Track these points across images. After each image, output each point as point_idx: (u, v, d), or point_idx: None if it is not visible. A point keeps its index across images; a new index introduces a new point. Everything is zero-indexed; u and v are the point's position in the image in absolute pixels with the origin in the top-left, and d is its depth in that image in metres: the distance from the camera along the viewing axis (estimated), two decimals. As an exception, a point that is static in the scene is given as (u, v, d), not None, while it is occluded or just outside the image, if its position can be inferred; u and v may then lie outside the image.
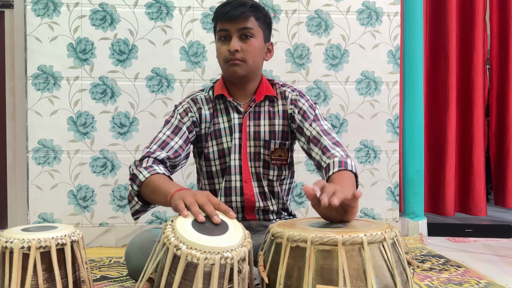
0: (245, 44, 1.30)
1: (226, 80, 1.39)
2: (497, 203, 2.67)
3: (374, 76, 2.24)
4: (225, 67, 1.32)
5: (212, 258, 0.82)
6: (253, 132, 1.37)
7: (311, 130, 1.33)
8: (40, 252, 0.99)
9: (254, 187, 1.37)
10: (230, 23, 1.29)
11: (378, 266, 0.86)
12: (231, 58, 1.29)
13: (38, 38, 2.08)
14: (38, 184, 2.09)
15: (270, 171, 1.39)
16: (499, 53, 2.62)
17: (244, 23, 1.29)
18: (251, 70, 1.34)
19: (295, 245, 0.88)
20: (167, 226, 0.89)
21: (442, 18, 2.51)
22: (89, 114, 2.12)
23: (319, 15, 2.21)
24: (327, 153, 1.26)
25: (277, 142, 1.38)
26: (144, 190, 1.20)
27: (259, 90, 1.38)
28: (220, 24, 1.31)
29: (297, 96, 1.39)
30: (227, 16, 1.28)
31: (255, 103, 1.38)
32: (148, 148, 1.29)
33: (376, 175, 2.26)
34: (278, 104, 1.39)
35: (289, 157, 1.41)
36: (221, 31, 1.31)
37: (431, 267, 1.73)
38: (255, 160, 1.37)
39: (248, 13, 1.29)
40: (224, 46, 1.31)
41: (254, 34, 1.31)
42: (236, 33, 1.29)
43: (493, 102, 2.66)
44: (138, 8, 2.13)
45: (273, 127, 1.38)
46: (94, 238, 2.11)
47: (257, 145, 1.37)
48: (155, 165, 1.23)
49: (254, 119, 1.38)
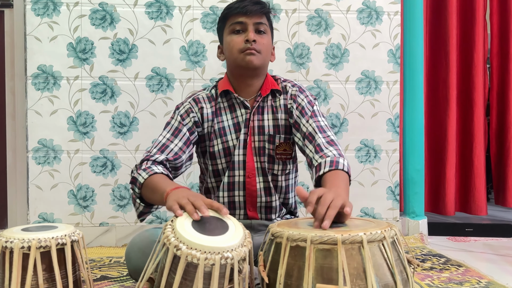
0: (260, 37, 1.34)
1: (232, 76, 1.39)
2: (497, 203, 2.67)
3: (375, 76, 2.24)
4: (240, 57, 1.33)
5: (212, 258, 0.82)
6: (258, 127, 1.38)
7: (307, 127, 1.33)
8: (40, 252, 0.99)
9: (258, 182, 1.38)
10: (247, 17, 1.32)
11: (378, 265, 0.86)
12: (249, 47, 1.31)
13: (38, 38, 2.08)
14: (38, 184, 2.09)
15: (275, 166, 1.39)
16: (500, 52, 2.61)
17: (260, 18, 1.34)
18: (263, 63, 1.36)
19: (295, 244, 0.88)
20: (167, 226, 0.89)
21: (442, 17, 2.50)
22: (89, 113, 2.12)
23: (319, 14, 2.21)
24: (320, 152, 1.26)
25: (282, 137, 1.38)
26: (145, 191, 1.22)
27: (264, 86, 1.39)
28: (235, 18, 1.33)
29: (296, 91, 1.39)
30: (245, 10, 1.32)
31: (261, 97, 1.38)
32: (148, 152, 1.30)
33: (377, 174, 2.25)
34: (280, 99, 1.40)
35: (293, 151, 1.41)
36: (236, 24, 1.33)
37: (432, 266, 1.73)
38: (260, 155, 1.38)
39: (264, 10, 1.35)
40: (240, 37, 1.33)
41: (267, 31, 1.36)
42: (252, 26, 1.33)
43: (494, 101, 2.66)
44: (138, 7, 2.13)
45: (277, 121, 1.39)
46: (94, 238, 2.11)
47: (261, 139, 1.38)
48: (154, 166, 1.24)
49: (258, 113, 1.38)
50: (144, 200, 1.24)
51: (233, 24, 1.34)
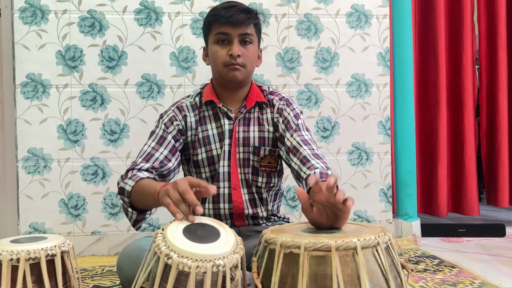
0: (244, 49, 1.30)
1: (217, 84, 1.38)
2: (489, 202, 2.69)
3: (365, 79, 2.25)
4: (224, 71, 1.30)
5: (204, 266, 0.81)
6: (243, 138, 1.36)
7: (291, 141, 1.32)
8: (29, 264, 0.97)
9: (243, 194, 1.36)
10: (233, 27, 1.27)
11: (372, 271, 0.85)
12: (232, 62, 1.28)
13: (26, 46, 2.06)
14: (28, 194, 2.06)
15: (259, 178, 1.37)
16: (488, 53, 2.64)
17: (246, 28, 1.29)
18: (248, 75, 1.34)
19: (289, 251, 0.87)
20: (158, 235, 0.88)
21: (430, 19, 2.52)
22: (79, 121, 2.10)
23: (308, 18, 2.22)
24: (307, 163, 1.25)
25: (267, 149, 1.37)
26: (135, 198, 1.21)
27: (250, 96, 1.38)
28: (220, 27, 1.29)
29: (283, 105, 1.38)
30: (230, 20, 1.26)
31: (246, 109, 1.37)
32: (134, 162, 1.30)
33: (369, 177, 2.26)
34: (267, 112, 1.39)
35: (278, 164, 1.40)
36: (220, 34, 1.29)
37: (425, 268, 1.73)
38: (244, 167, 1.36)
39: (251, 20, 1.29)
40: (224, 50, 1.29)
41: (253, 41, 1.32)
42: (237, 37, 1.28)
43: (483, 102, 2.68)
44: (127, 14, 2.12)
45: (263, 133, 1.37)
46: (87, 247, 2.09)
47: (246, 151, 1.36)
48: (139, 173, 1.23)
49: (244, 125, 1.37)
50: (135, 208, 1.23)
51: (217, 34, 1.29)
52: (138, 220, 1.26)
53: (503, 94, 2.58)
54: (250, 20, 1.29)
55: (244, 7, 1.30)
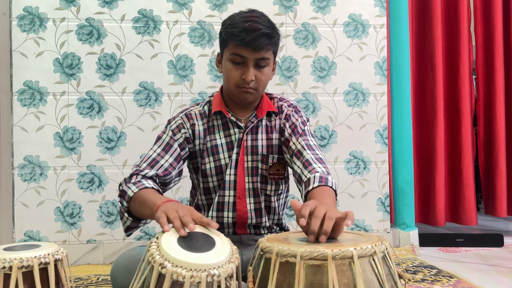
0: (259, 73, 1.27)
1: (227, 96, 1.36)
2: (487, 212, 2.68)
3: (362, 88, 2.25)
4: (236, 91, 1.29)
5: (198, 276, 0.80)
6: (251, 147, 1.35)
7: (296, 144, 1.32)
8: (22, 272, 0.96)
9: (248, 203, 1.35)
10: (250, 51, 1.24)
11: (369, 281, 0.84)
12: (245, 86, 1.27)
13: (23, 54, 2.06)
14: (24, 201, 2.05)
15: (267, 186, 1.37)
16: (485, 63, 2.65)
17: (263, 53, 1.25)
18: (260, 96, 1.34)
19: (285, 260, 0.86)
20: (152, 243, 0.87)
21: (427, 29, 2.54)
22: (76, 129, 2.09)
23: (306, 28, 2.23)
24: (309, 167, 1.25)
25: (275, 157, 1.36)
26: (133, 205, 1.19)
27: (260, 106, 1.37)
28: (236, 48, 1.25)
29: (292, 111, 1.38)
30: (249, 45, 1.22)
31: (256, 119, 1.36)
32: (138, 166, 1.28)
33: (366, 186, 2.25)
34: (276, 119, 1.38)
35: (286, 171, 1.40)
36: (236, 56, 1.25)
37: (423, 278, 1.72)
38: (252, 175, 1.35)
39: (270, 47, 1.26)
40: (238, 72, 1.27)
41: (269, 63, 1.30)
42: (253, 61, 1.26)
43: (480, 111, 2.69)
44: (125, 22, 2.12)
45: (271, 141, 1.37)
46: (82, 255, 2.07)
47: (254, 159, 1.35)
48: (144, 180, 1.22)
49: (252, 133, 1.36)
50: (132, 214, 1.22)
51: (233, 54, 1.25)
52: (131, 227, 1.24)
53: (500, 104, 2.58)
54: (270, 46, 1.26)
55: (266, 30, 1.24)
